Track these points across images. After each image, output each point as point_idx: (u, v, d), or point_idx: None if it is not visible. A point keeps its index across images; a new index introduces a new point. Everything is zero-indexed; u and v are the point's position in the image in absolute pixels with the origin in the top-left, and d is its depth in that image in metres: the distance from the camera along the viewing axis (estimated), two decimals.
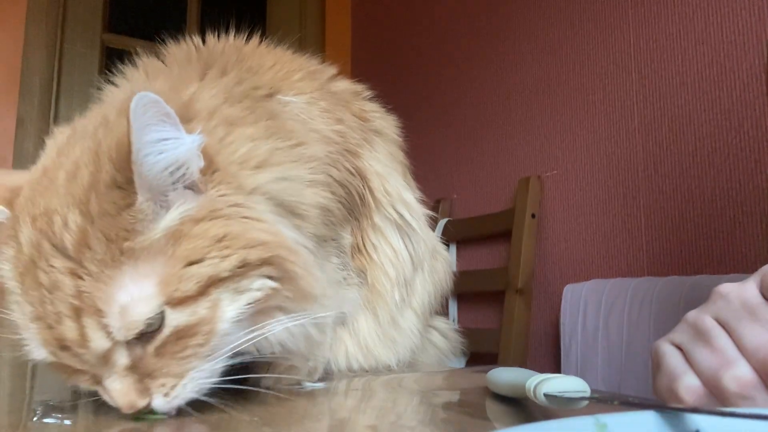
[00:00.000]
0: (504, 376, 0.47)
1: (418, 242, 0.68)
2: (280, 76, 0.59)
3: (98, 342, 0.38)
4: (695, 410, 0.24)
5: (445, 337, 0.82)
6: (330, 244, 0.59)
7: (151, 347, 0.40)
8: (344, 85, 0.69)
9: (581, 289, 1.20)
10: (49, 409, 0.44)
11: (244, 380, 0.46)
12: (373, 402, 0.53)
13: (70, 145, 0.44)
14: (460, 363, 0.94)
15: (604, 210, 1.25)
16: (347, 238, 0.62)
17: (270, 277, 0.43)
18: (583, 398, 0.36)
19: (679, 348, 0.40)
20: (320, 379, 0.57)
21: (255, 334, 0.44)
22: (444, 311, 0.88)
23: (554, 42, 1.40)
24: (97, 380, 0.42)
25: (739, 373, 0.35)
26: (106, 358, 0.40)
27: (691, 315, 0.40)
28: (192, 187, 0.42)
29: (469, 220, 1.56)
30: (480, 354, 1.33)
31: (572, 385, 0.38)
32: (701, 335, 0.38)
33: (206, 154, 0.43)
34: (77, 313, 0.38)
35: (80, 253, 0.38)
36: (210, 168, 0.43)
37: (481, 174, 1.60)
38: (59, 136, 0.48)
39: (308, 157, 0.51)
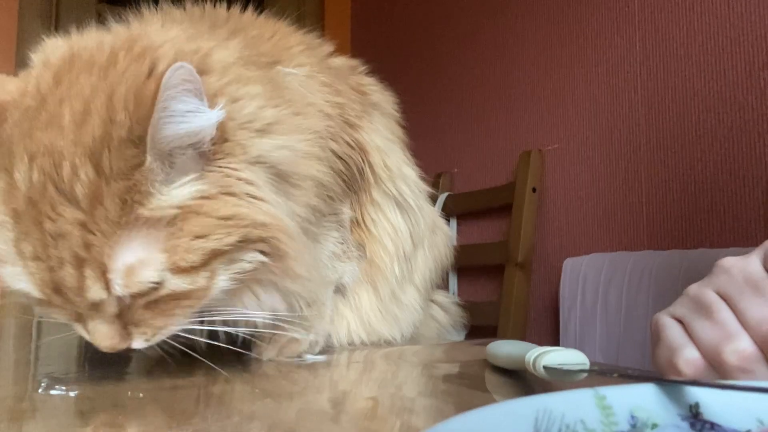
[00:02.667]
0: (503, 348, 0.48)
1: (417, 218, 0.68)
2: (280, 47, 0.58)
3: (95, 293, 0.40)
4: (695, 383, 0.24)
5: (445, 310, 0.83)
6: (329, 219, 0.59)
7: (142, 301, 0.42)
8: (341, 60, 0.68)
9: (581, 263, 1.20)
10: (54, 381, 0.44)
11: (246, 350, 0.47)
12: (374, 374, 0.53)
13: (71, 74, 0.43)
14: (459, 336, 0.95)
15: (606, 184, 1.24)
16: (347, 213, 0.62)
17: (262, 252, 0.45)
18: (582, 371, 0.37)
19: (680, 321, 0.40)
20: (321, 352, 0.58)
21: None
22: (444, 285, 0.88)
23: (556, 13, 1.38)
24: (78, 318, 0.43)
25: (740, 347, 0.35)
26: (96, 306, 0.41)
27: (693, 288, 0.40)
28: (200, 155, 0.43)
29: (469, 194, 1.56)
30: (480, 327, 1.34)
31: (572, 358, 0.38)
32: (703, 308, 0.38)
33: (220, 123, 0.43)
34: (80, 263, 0.39)
35: (93, 208, 0.39)
36: (221, 138, 0.43)
37: (482, 148, 1.59)
38: (52, 53, 0.46)
39: (305, 129, 0.51)
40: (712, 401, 0.23)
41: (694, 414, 0.23)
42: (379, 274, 0.65)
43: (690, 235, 1.07)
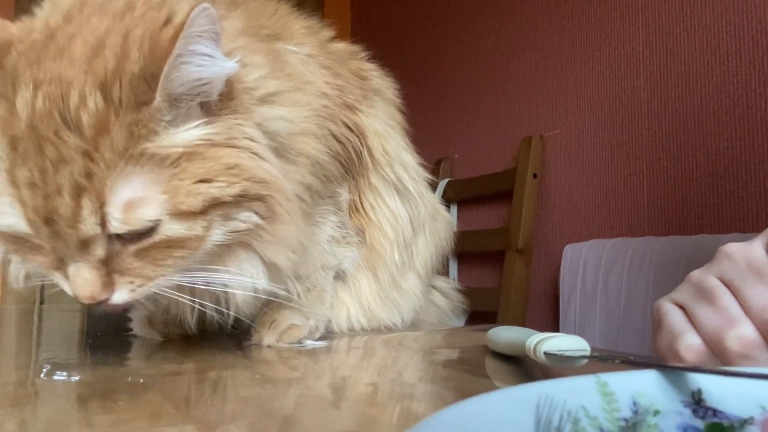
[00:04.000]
0: (504, 334, 0.48)
1: (417, 204, 0.67)
2: (281, 24, 0.57)
3: (89, 226, 0.39)
4: (697, 369, 0.24)
5: (445, 296, 0.83)
6: (326, 202, 0.59)
7: (133, 247, 0.41)
8: (342, 45, 0.67)
9: (581, 249, 1.20)
10: (56, 367, 0.44)
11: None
12: (374, 360, 0.53)
13: (83, 15, 0.43)
14: (460, 322, 0.95)
15: (607, 169, 1.24)
16: (345, 195, 0.62)
17: (257, 213, 0.45)
18: (583, 357, 0.37)
19: (682, 307, 0.40)
20: (321, 338, 0.58)
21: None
22: (444, 271, 0.88)
23: None
24: (58, 266, 0.42)
25: (742, 333, 0.35)
26: (85, 244, 0.40)
27: (695, 274, 0.40)
28: (204, 106, 0.43)
29: (470, 180, 1.55)
30: (480, 313, 1.34)
31: (572, 344, 0.38)
32: (705, 294, 0.38)
33: (228, 80, 0.43)
34: (79, 192, 0.38)
35: (98, 137, 0.38)
36: (228, 95, 0.44)
37: (483, 134, 1.58)
38: (60, 1, 0.46)
39: (304, 105, 0.51)
40: (714, 388, 0.23)
41: (696, 400, 0.23)
42: (379, 260, 0.65)
43: (690, 221, 1.07)
